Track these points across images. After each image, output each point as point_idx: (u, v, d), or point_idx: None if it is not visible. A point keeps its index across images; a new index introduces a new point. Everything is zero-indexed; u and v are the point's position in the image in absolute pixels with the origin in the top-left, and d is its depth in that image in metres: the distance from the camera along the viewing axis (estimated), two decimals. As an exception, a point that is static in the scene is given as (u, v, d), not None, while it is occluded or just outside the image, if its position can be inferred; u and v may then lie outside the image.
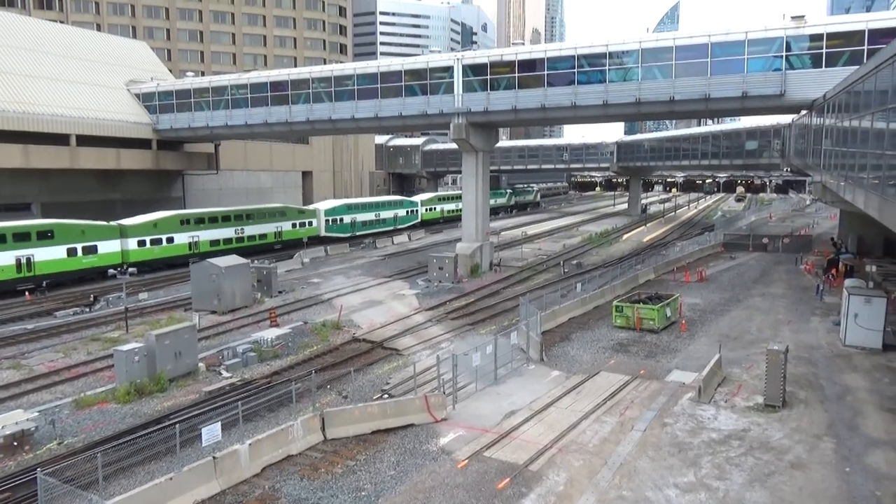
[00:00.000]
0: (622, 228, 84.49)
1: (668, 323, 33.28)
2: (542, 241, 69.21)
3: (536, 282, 46.62)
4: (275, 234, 61.66)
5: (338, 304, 38.27)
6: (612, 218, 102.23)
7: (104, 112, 57.07)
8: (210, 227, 55.91)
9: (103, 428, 22.10)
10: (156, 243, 51.48)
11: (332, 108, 50.47)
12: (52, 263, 44.81)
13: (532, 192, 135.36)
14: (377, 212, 77.20)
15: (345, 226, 70.93)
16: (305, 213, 66.28)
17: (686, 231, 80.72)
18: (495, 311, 37.33)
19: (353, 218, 72.64)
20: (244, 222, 58.86)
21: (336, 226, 69.84)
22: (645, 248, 63.77)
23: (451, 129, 47.29)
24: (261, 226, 60.37)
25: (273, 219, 61.95)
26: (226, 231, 57.05)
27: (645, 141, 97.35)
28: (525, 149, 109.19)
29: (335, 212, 70.58)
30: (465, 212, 50.38)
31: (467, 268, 48.26)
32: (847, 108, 24.27)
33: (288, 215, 63.86)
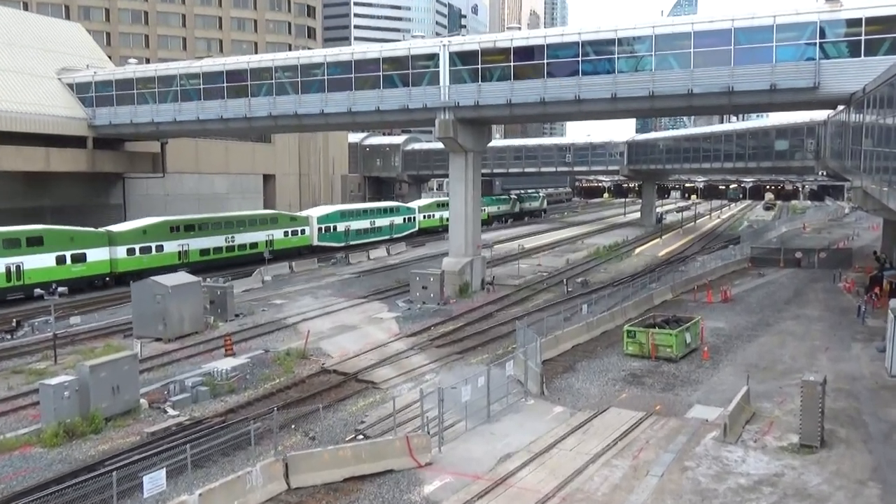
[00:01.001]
0: (634, 241, 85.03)
1: (687, 350, 33.44)
2: (542, 256, 69.50)
3: (535, 303, 46.71)
4: (266, 243, 64.70)
5: (304, 330, 38.11)
6: (622, 229, 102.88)
7: (30, 105, 56.76)
8: (200, 235, 59.01)
9: (26, 477, 21.76)
10: (145, 252, 54.39)
11: (298, 102, 50.55)
12: (42, 272, 47.44)
13: (538, 197, 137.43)
14: (372, 219, 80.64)
15: (338, 234, 74.25)
16: (298, 220, 69.48)
17: (708, 244, 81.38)
18: (488, 337, 37.35)
19: (347, 226, 75.75)
20: (235, 230, 61.96)
21: (329, 234, 73.02)
22: (660, 263, 64.20)
23: (436, 126, 47.50)
24: (252, 234, 63.59)
25: (264, 226, 65.13)
26: (216, 239, 60.19)
27: (659, 140, 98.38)
28: (522, 149, 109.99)
29: (328, 219, 73.42)
30: (452, 222, 50.51)
31: (455, 287, 48.33)
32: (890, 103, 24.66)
33: (280, 223, 67.13)
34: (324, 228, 72.84)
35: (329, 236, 73.20)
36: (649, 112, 43.73)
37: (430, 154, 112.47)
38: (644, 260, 67.49)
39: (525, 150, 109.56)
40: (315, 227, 71.87)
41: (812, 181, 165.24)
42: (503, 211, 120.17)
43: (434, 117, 47.46)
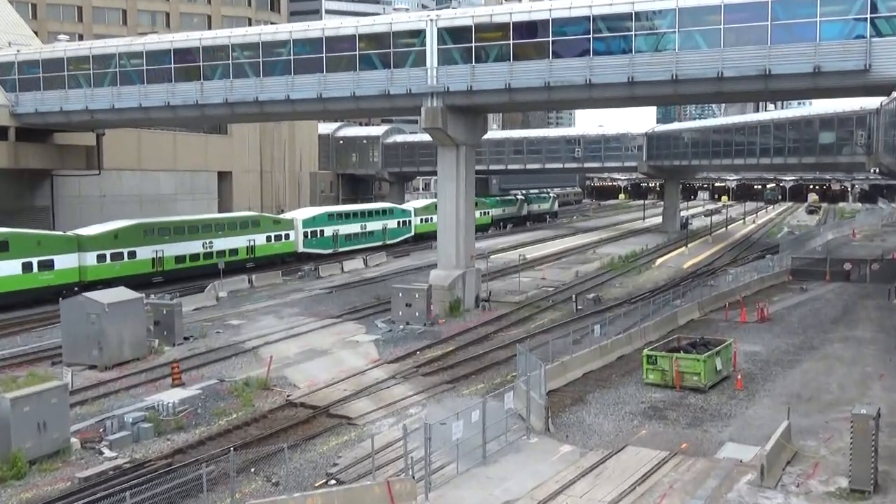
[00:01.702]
0: (655, 250, 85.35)
1: (718, 379, 33.58)
2: (547, 268, 69.71)
3: (539, 323, 46.84)
4: (247, 250, 67.42)
5: (266, 356, 38.04)
6: (641, 236, 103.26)
7: (-59, 89, 57.01)
8: (175, 240, 61.04)
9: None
10: (116, 258, 56.25)
11: (259, 86, 50.67)
12: (7, 281, 49.02)
13: (548, 198, 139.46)
14: (363, 223, 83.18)
15: (325, 240, 77.01)
16: (282, 223, 72.39)
17: (741, 254, 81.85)
18: (483, 363, 37.41)
19: (336, 230, 78.44)
20: (213, 234, 63.99)
21: (316, 240, 75.61)
22: (686, 276, 64.51)
23: (422, 115, 47.66)
24: (232, 239, 65.91)
25: (245, 230, 67.55)
26: (192, 245, 62.46)
27: (684, 132, 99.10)
28: (523, 142, 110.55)
29: (314, 222, 75.98)
30: (441, 228, 50.64)
31: (445, 304, 48.39)
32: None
33: (262, 226, 69.78)
34: (310, 233, 74.91)
35: (316, 242, 75.28)
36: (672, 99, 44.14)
37: (416, 148, 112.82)
38: (667, 273, 67.80)
39: (527, 144, 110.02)
40: (300, 231, 73.89)
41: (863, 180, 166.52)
42: (508, 214, 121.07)
43: (419, 105, 47.59)
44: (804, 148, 77.82)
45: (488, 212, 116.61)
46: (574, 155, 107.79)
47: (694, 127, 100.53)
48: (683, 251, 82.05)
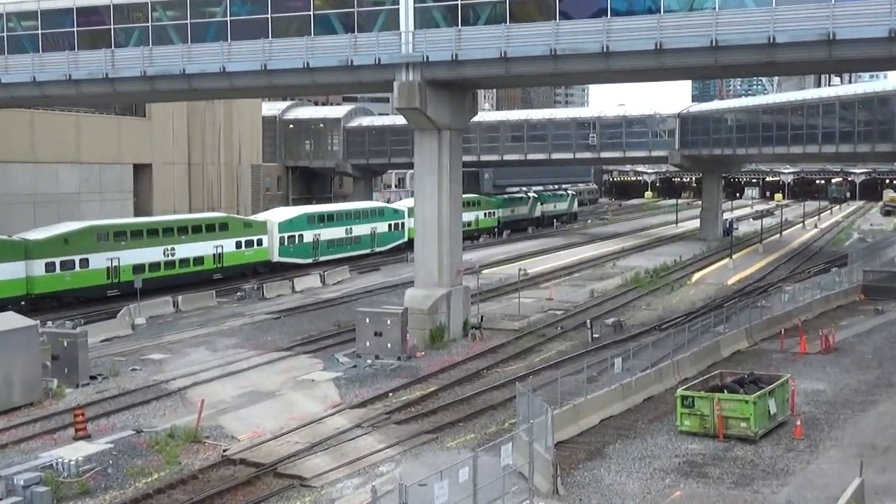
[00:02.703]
0: (691, 262, 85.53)
1: (771, 425, 33.64)
2: (555, 285, 69.82)
3: (545, 356, 46.82)
4: (214, 258, 70.42)
5: (197, 399, 37.82)
6: (673, 244, 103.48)
7: None
8: (133, 246, 63.72)
9: None
10: (67, 267, 58.83)
11: (186, 55, 50.62)
12: None
13: (565, 197, 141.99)
14: (349, 226, 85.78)
15: (305, 246, 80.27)
16: (254, 227, 75.45)
17: (800, 266, 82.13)
18: (473, 407, 37.29)
19: (317, 235, 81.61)
20: (175, 239, 66.94)
21: (293, 247, 78.96)
22: (731, 295, 64.67)
23: (394, 93, 47.67)
24: (196, 245, 68.76)
25: (212, 235, 70.51)
26: (152, 252, 65.25)
27: (727, 112, 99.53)
28: (523, 125, 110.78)
29: (292, 226, 79.07)
30: (419, 235, 50.63)
31: (425, 333, 48.37)
32: None
33: (232, 230, 72.78)
34: (286, 238, 77.43)
35: (293, 249, 77.96)
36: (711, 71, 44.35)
37: (387, 134, 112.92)
38: (706, 291, 67.93)
39: (528, 128, 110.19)
40: (275, 236, 76.27)
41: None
42: (518, 215, 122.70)
43: (391, 79, 47.60)
44: (879, 133, 78.07)
45: (494, 212, 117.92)
46: (588, 142, 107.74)
47: (739, 106, 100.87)
48: (727, 263, 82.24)
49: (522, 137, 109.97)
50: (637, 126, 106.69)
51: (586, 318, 54.18)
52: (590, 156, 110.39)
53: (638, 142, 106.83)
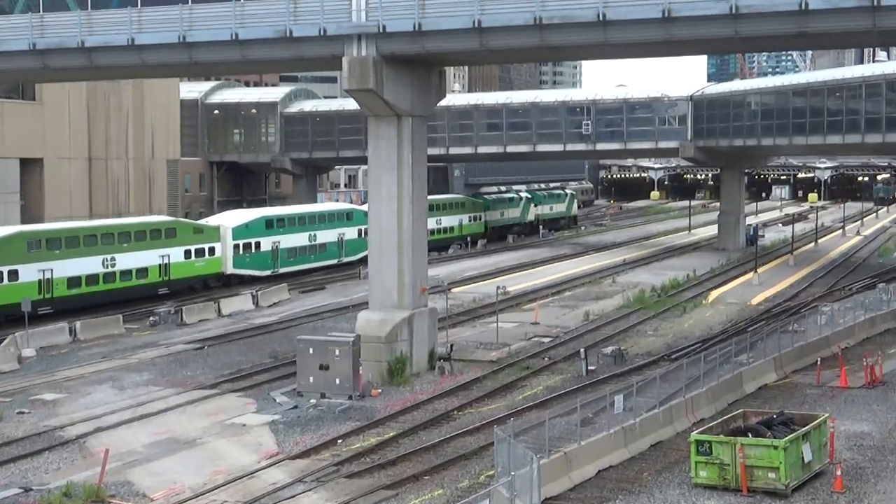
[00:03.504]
0: (708, 277, 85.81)
1: (806, 476, 33.68)
2: (541, 306, 69.95)
3: (530, 393, 46.78)
4: (160, 270, 72.34)
5: (100, 449, 37.52)
6: (685, 255, 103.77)
7: None
8: (68, 255, 65.34)
9: None
10: None
11: (86, 24, 50.36)
12: None
13: (563, 197, 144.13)
14: (313, 231, 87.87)
15: (263, 256, 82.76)
16: (205, 232, 77.49)
17: (840, 281, 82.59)
18: (442, 457, 37.21)
19: (276, 242, 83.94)
20: (116, 247, 68.76)
21: (249, 256, 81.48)
22: (756, 318, 64.95)
23: (344, 70, 47.60)
24: (140, 254, 70.87)
25: (157, 242, 72.48)
26: (90, 262, 66.91)
27: (750, 94, 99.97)
28: (501, 111, 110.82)
29: (248, 231, 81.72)
30: (374, 246, 50.64)
31: (381, 366, 48.28)
32: None
33: (180, 237, 74.85)
34: (242, 246, 79.22)
35: (250, 259, 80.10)
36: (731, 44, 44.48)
37: (334, 121, 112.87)
38: (726, 312, 68.19)
39: (508, 113, 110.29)
40: (229, 243, 77.96)
41: None
42: (509, 220, 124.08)
43: (340, 53, 47.58)
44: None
45: (480, 216, 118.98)
46: (581, 131, 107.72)
47: (765, 87, 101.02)
48: (751, 279, 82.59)
49: (501, 126, 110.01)
50: (641, 111, 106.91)
51: (579, 347, 54.02)
52: (583, 148, 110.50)
53: (642, 130, 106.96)
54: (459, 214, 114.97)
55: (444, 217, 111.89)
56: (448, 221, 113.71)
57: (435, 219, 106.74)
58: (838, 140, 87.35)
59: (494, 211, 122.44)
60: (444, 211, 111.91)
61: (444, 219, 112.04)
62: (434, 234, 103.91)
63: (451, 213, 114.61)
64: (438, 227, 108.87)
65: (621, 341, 57.66)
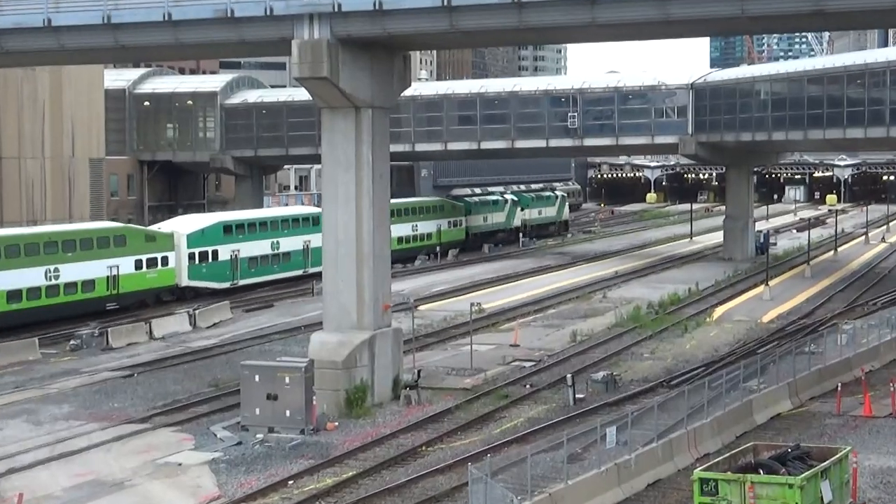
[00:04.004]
0: (712, 292, 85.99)
1: (826, 519, 33.61)
2: (522, 326, 69.91)
3: (508, 426, 46.80)
4: (108, 283, 73.27)
5: (13, 493, 37.24)
6: (686, 266, 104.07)
7: None
8: (8, 265, 66.78)
9: None
10: None
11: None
12: None
13: (553, 199, 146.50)
14: (276, 238, 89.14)
15: (221, 266, 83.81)
16: (157, 240, 79.25)
17: (861, 295, 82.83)
18: (409, 499, 37.22)
19: (235, 251, 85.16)
20: (60, 257, 70.07)
21: (206, 266, 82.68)
22: (767, 338, 65.02)
23: (294, 56, 47.53)
24: (86, 265, 71.87)
25: (105, 251, 73.71)
26: (32, 273, 68.03)
27: (760, 81, 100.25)
28: (475, 101, 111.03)
29: (205, 239, 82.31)
30: (329, 257, 50.64)
31: (339, 395, 48.24)
32: None
33: (130, 245, 76.14)
34: (198, 255, 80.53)
35: (206, 270, 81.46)
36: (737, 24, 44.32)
37: (283, 114, 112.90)
38: (733, 332, 68.25)
39: (482, 104, 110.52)
40: (184, 252, 79.33)
41: None
42: (492, 225, 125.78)
43: (289, 36, 47.60)
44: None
45: (461, 221, 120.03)
46: (566, 124, 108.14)
47: (776, 73, 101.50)
48: (762, 293, 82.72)
49: (474, 118, 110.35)
50: (635, 101, 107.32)
51: (566, 372, 53.90)
52: (569, 143, 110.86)
53: (636, 124, 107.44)
54: (437, 219, 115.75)
55: (420, 222, 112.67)
56: (425, 227, 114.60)
57: (410, 224, 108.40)
58: (860, 134, 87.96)
59: (476, 215, 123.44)
60: (420, 216, 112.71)
61: (420, 224, 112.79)
62: (409, 242, 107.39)
63: (427, 217, 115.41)
64: (414, 233, 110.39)
65: (614, 366, 57.60)
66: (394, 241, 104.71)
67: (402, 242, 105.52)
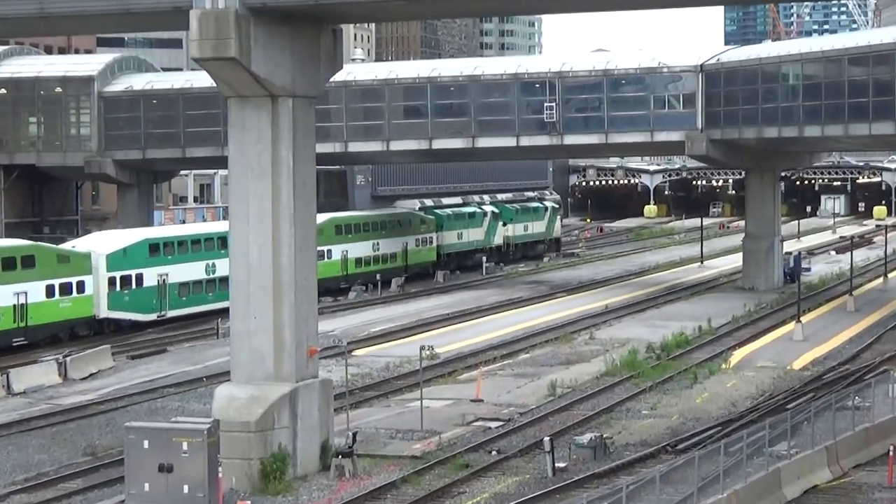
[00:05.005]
0: (728, 331, 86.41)
1: None
2: (486, 374, 70.29)
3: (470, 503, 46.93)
4: (14, 313, 74.02)
5: None
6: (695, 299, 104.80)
7: None
8: None
9: None
10: None
11: None
12: None
13: (541, 211, 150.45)
14: (211, 259, 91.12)
15: (146, 293, 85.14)
16: (72, 262, 79.39)
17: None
18: None
19: (163, 275, 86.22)
20: None
21: (129, 293, 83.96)
22: (799, 389, 65.49)
23: (192, 31, 47.63)
24: None
25: (10, 275, 74.75)
26: None
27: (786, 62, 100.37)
28: (425, 88, 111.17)
29: (127, 260, 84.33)
30: (238, 287, 50.63)
31: (251, 465, 48.24)
32: None
33: (40, 267, 77.92)
34: (119, 280, 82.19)
35: (130, 298, 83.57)
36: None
37: (178, 105, 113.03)
38: (756, 381, 68.62)
39: (434, 92, 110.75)
40: (103, 276, 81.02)
41: None
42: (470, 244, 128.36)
43: (187, 5, 47.77)
44: None
45: (431, 238, 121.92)
46: (542, 117, 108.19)
47: (809, 52, 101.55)
48: (792, 332, 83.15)
49: (424, 110, 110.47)
50: (629, 88, 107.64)
51: (543, 435, 54.16)
52: (546, 142, 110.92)
53: (631, 116, 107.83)
54: (402, 236, 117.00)
55: (382, 240, 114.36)
56: (388, 246, 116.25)
57: (371, 243, 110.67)
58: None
59: (450, 231, 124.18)
60: (381, 232, 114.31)
61: (382, 243, 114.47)
62: (368, 265, 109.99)
63: (391, 234, 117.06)
64: (375, 253, 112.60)
65: (604, 426, 57.83)
66: (350, 263, 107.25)
67: (361, 265, 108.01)
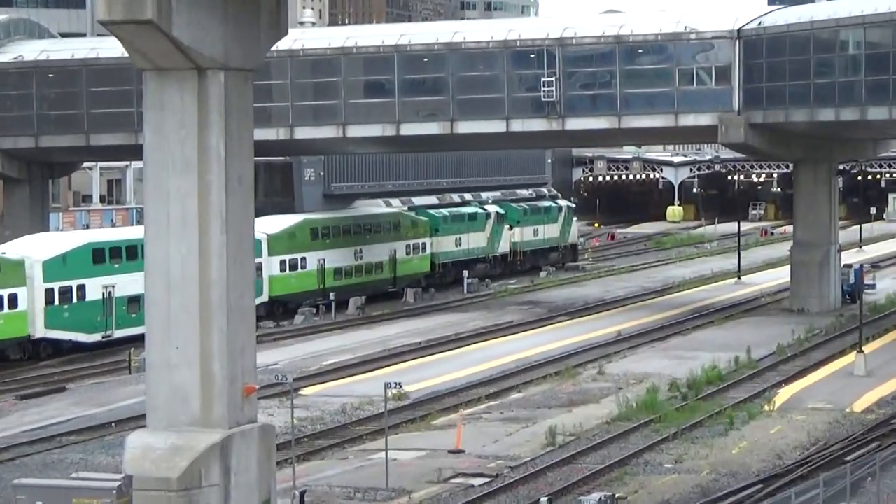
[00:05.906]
0: (771, 364, 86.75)
1: None
2: (468, 419, 70.76)
3: None
4: None
5: None
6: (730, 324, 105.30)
7: None
8: None
9: None
10: None
11: None
12: None
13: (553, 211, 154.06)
14: None
15: (89, 308, 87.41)
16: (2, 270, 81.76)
17: None
18: None
19: (109, 288, 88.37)
20: None
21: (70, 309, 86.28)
22: (861, 436, 65.53)
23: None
24: None
25: None
26: None
27: (845, 25, 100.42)
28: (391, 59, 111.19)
29: (67, 268, 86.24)
30: (156, 307, 50.45)
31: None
32: None
33: None
34: (58, 292, 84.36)
35: (69, 315, 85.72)
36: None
37: (80, 80, 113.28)
38: (807, 427, 68.82)
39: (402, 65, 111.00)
40: (38, 287, 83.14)
41: None
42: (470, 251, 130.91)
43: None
44: None
45: (424, 244, 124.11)
46: (539, 95, 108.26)
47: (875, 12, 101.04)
48: (852, 364, 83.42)
49: (391, 87, 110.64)
50: (648, 59, 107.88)
51: (539, 494, 54.54)
52: (543, 126, 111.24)
53: (650, 94, 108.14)
54: (390, 242, 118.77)
55: (365, 246, 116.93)
56: (372, 254, 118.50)
57: (353, 250, 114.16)
58: None
59: (446, 237, 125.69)
60: (365, 237, 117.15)
61: (365, 250, 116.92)
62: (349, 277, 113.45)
63: (375, 239, 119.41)
64: (357, 262, 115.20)
65: (616, 483, 57.86)
66: (328, 275, 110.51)
67: (341, 276, 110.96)
